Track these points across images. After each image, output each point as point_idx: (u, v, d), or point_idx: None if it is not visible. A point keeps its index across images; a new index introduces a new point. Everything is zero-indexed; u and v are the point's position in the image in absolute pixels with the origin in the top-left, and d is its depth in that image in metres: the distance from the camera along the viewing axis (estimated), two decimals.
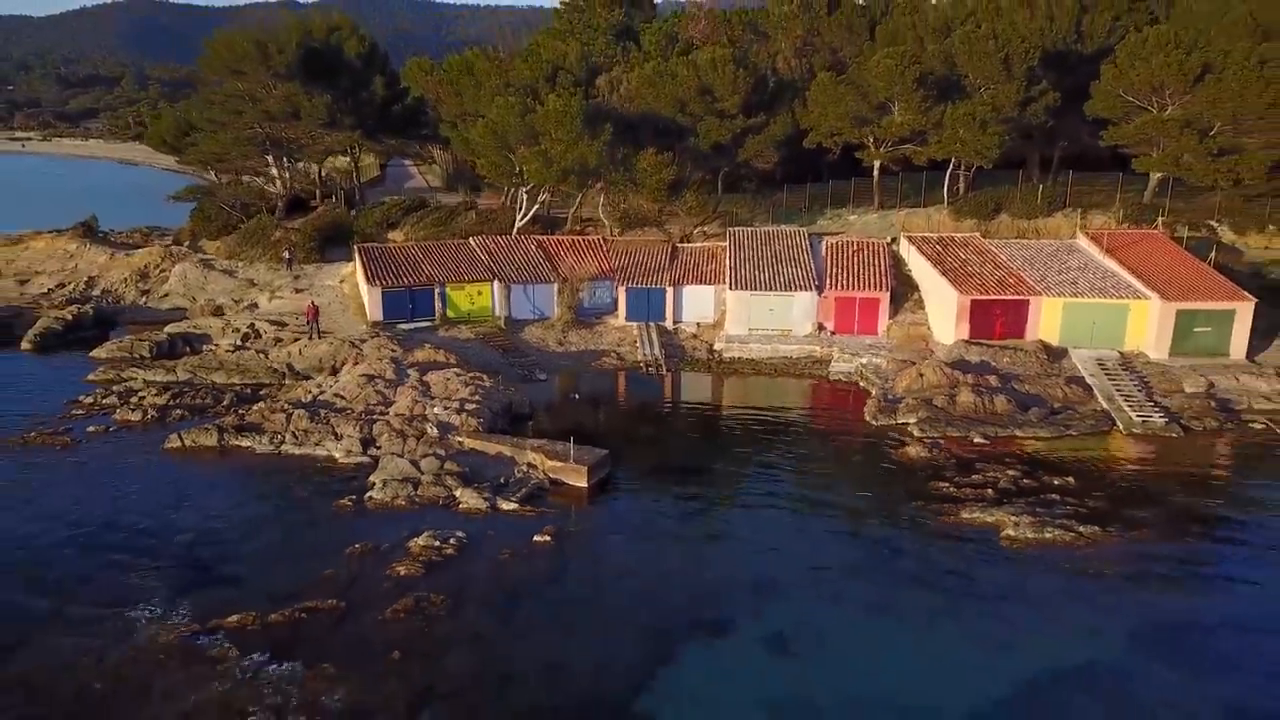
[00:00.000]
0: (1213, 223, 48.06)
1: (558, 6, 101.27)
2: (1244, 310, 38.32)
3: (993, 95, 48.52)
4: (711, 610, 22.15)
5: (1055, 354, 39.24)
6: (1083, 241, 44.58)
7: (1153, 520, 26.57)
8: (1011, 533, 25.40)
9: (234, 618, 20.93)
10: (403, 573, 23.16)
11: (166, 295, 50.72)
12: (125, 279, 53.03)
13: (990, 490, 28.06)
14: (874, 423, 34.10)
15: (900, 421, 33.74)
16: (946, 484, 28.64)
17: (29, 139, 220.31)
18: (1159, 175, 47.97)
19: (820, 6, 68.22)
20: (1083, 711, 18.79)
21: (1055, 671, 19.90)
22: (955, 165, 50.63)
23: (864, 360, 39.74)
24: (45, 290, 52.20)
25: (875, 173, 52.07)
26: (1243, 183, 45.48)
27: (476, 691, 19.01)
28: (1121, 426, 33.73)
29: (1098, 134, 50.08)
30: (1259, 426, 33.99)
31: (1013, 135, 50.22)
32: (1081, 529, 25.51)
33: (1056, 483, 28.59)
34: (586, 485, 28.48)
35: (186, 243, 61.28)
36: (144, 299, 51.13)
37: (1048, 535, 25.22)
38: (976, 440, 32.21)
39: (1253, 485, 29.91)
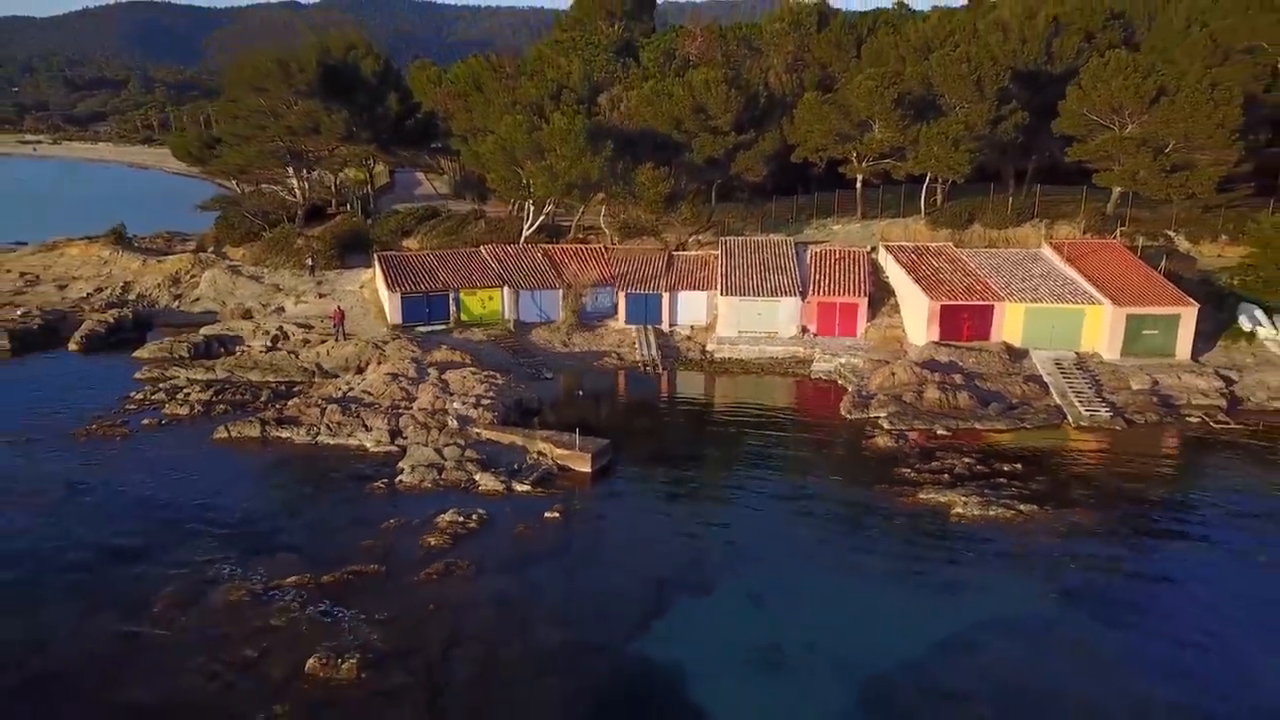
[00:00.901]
0: (1170, 233, 51.87)
1: (560, 19, 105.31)
2: (1188, 315, 42.09)
3: (966, 114, 52.22)
4: (698, 572, 25.96)
5: (1017, 354, 42.99)
6: (1047, 251, 48.35)
7: (1083, 500, 30.35)
8: (960, 510, 29.17)
9: (293, 578, 24.68)
10: (433, 543, 26.92)
11: (198, 299, 54.46)
12: (158, 284, 56.79)
13: (947, 475, 31.83)
14: (848, 416, 37.87)
15: (872, 415, 37.49)
16: (908, 470, 32.41)
17: (39, 142, 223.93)
18: (1120, 189, 51.69)
19: (810, 24, 71.94)
20: (1006, 650, 22.53)
21: (985, 619, 23.67)
22: (932, 179, 54.32)
23: (843, 360, 43.51)
24: (85, 295, 55.90)
25: (858, 185, 55.78)
26: (1194, 196, 49.25)
27: (498, 636, 22.75)
28: (1071, 420, 37.50)
29: (1066, 149, 53.89)
30: (1195, 420, 37.76)
31: (985, 151, 54.05)
32: (1021, 507, 29.29)
33: (1005, 469, 32.37)
34: (590, 470, 32.21)
35: (210, 248, 65.05)
36: (176, 303, 54.86)
37: (991, 513, 28.99)
38: (939, 432, 35.95)
39: (1179, 471, 33.72)
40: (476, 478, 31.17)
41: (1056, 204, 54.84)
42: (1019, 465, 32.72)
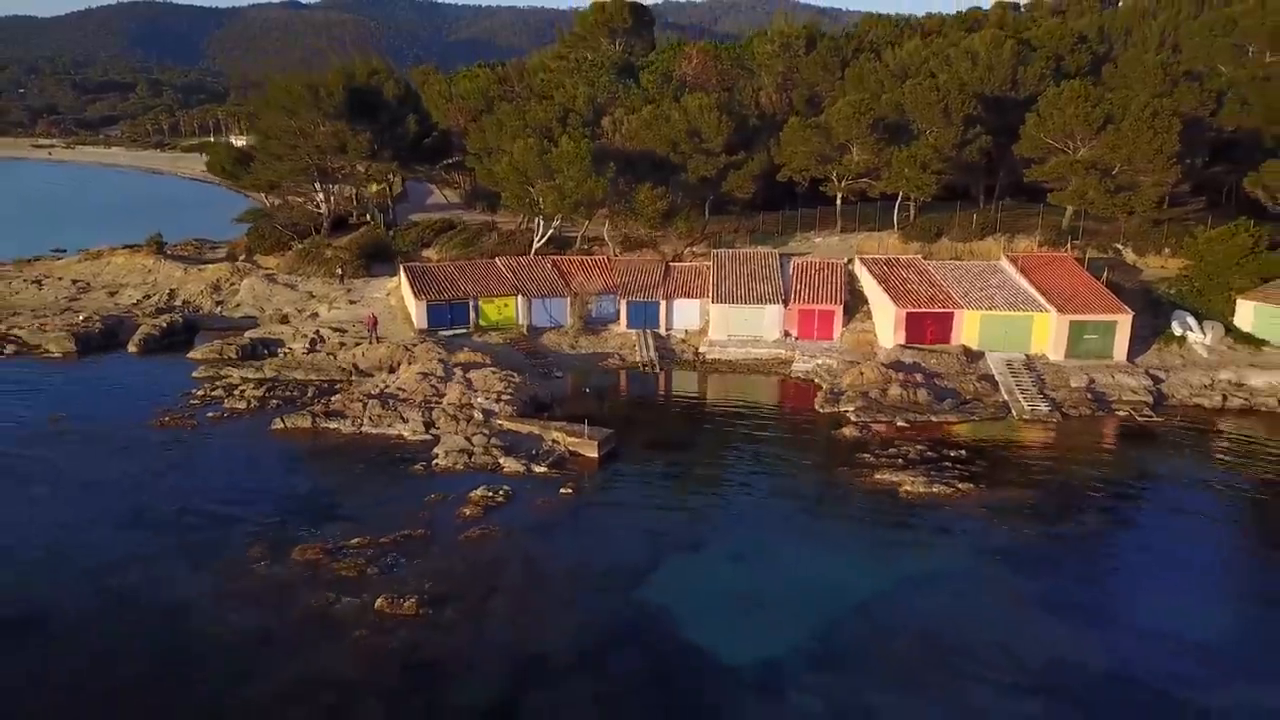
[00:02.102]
0: (1118, 246, 57.43)
1: (563, 35, 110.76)
2: (1124, 321, 47.62)
3: (935, 138, 57.80)
4: (688, 536, 31.50)
5: (974, 356, 48.50)
6: (1004, 263, 53.84)
7: (1014, 480, 35.90)
8: (908, 488, 34.70)
9: (356, 539, 30.19)
10: (467, 513, 32.42)
11: (238, 306, 59.95)
12: (201, 291, 62.32)
13: (900, 460, 37.34)
14: (821, 410, 43.41)
15: (842, 410, 43.00)
16: (869, 455, 37.94)
17: (52, 146, 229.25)
18: (1072, 207, 57.19)
19: (799, 47, 77.58)
20: (937, 593, 28.01)
21: (921, 571, 29.16)
22: (904, 196, 59.81)
23: (819, 361, 49.04)
24: (135, 301, 61.43)
25: (838, 202, 61.30)
26: (1135, 213, 54.80)
27: (524, 584, 28.24)
28: (1015, 414, 43.03)
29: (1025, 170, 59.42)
30: (1123, 414, 43.31)
31: (952, 171, 59.62)
32: (960, 485, 34.82)
33: (951, 455, 37.87)
34: (597, 456, 37.68)
35: (242, 256, 70.64)
36: (219, 308, 60.36)
37: (934, 490, 34.52)
38: (899, 424, 41.45)
39: (1103, 456, 39.21)
40: (501, 461, 36.67)
41: (1019, 218, 60.42)
42: (963, 452, 38.25)
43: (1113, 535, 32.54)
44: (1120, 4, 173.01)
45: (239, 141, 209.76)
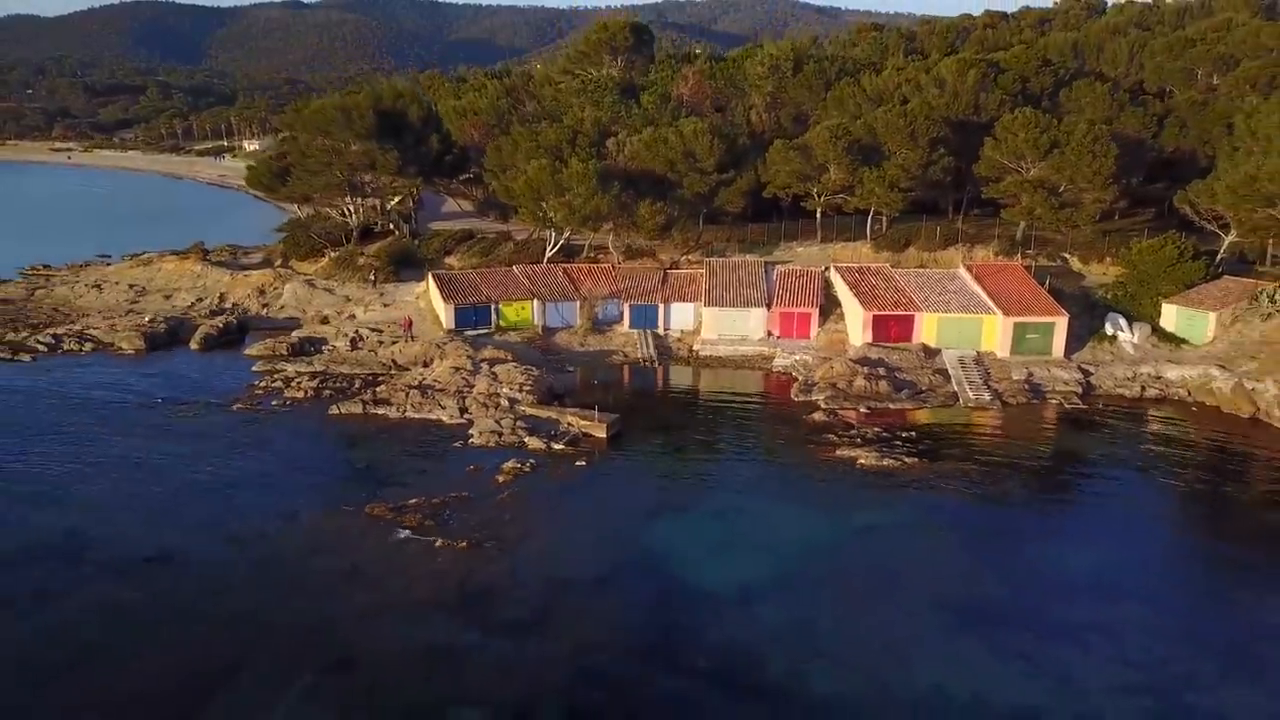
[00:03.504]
0: (1066, 255, 64.69)
1: (569, 53, 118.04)
2: (1061, 323, 54.87)
3: (903, 159, 65.03)
4: (680, 498, 38.81)
5: (932, 353, 55.72)
6: (962, 271, 61.07)
7: (953, 455, 43.16)
8: (864, 461, 41.97)
9: (413, 500, 37.40)
10: (501, 480, 39.66)
11: (282, 308, 67.17)
12: (248, 295, 69.55)
13: (859, 439, 44.60)
14: (796, 399, 50.65)
15: (813, 399, 50.23)
16: (834, 435, 45.21)
17: (70, 149, 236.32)
18: (1023, 221, 64.43)
19: (786, 69, 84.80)
20: (880, 540, 35.25)
21: (868, 525, 36.41)
22: (876, 210, 67.02)
23: (797, 357, 56.29)
24: (189, 304, 68.66)
25: (817, 215, 68.52)
26: (1078, 227, 62.07)
27: (549, 534, 35.47)
28: (962, 402, 50.28)
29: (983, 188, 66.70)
30: (1055, 402, 50.57)
31: (919, 189, 66.84)
32: (906, 459, 42.09)
33: (903, 435, 45.16)
34: (605, 436, 44.87)
35: (279, 262, 77.90)
36: (265, 310, 67.59)
37: (885, 463, 41.79)
38: (862, 410, 48.69)
39: (1032, 437, 46.46)
40: (525, 440, 43.90)
41: (981, 230, 67.66)
42: (913, 433, 45.54)
43: (1030, 496, 39.80)
44: (1105, 13, 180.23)
45: (251, 146, 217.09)
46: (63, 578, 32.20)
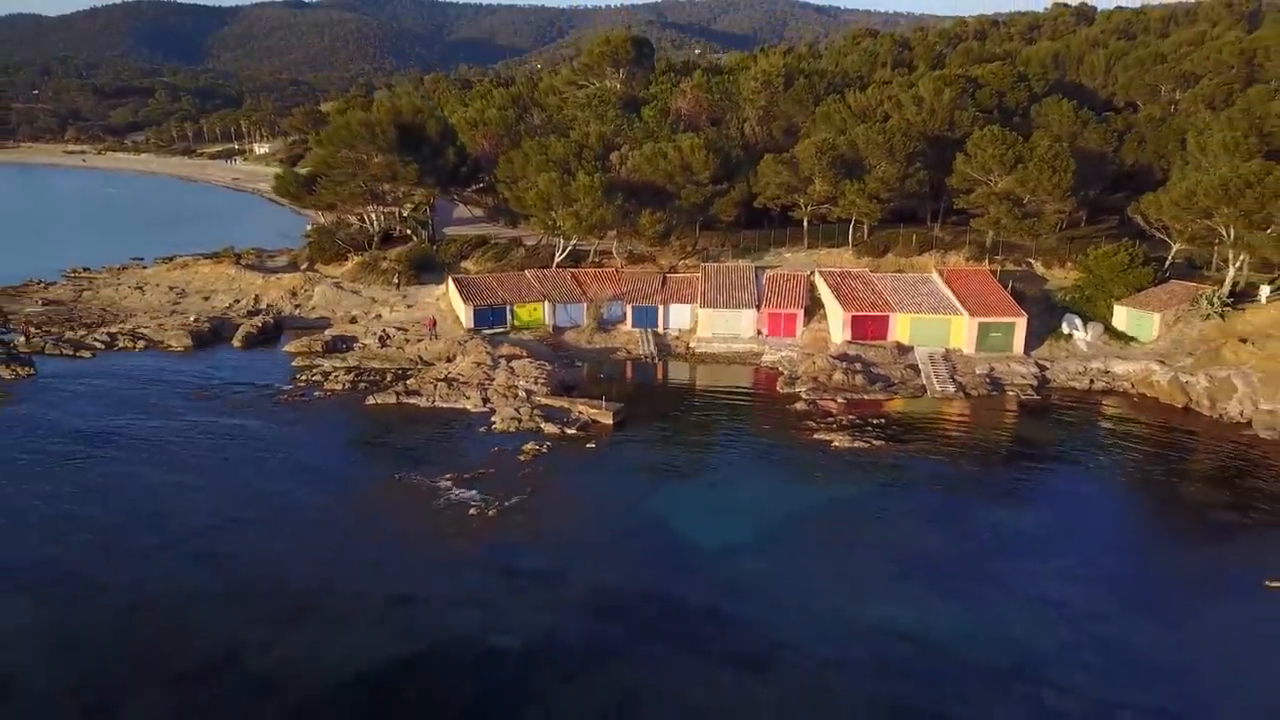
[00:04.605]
0: (1030, 260, 70.73)
1: (573, 66, 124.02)
2: (1021, 323, 60.93)
3: (883, 173, 71.08)
4: (678, 472, 44.93)
5: (904, 350, 61.78)
6: (934, 275, 67.14)
7: (916, 439, 49.24)
8: (838, 444, 48.07)
9: (448, 475, 43.47)
10: (522, 459, 45.73)
11: (313, 309, 73.19)
12: (281, 296, 75.59)
13: (835, 424, 50.69)
14: (781, 391, 56.72)
15: (797, 390, 56.29)
16: (813, 422, 51.29)
17: (83, 152, 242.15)
18: (992, 230, 70.50)
19: (778, 84, 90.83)
20: (847, 506, 41.30)
21: (837, 494, 42.46)
22: (858, 219, 73.04)
23: (783, 354, 62.36)
24: (228, 305, 74.69)
25: (804, 223, 74.56)
26: (1040, 236, 68.15)
27: (565, 503, 41.52)
28: (930, 393, 56.34)
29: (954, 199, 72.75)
30: (1012, 394, 56.65)
31: (897, 199, 72.84)
32: (875, 442, 48.18)
33: (874, 421, 51.25)
34: (612, 422, 50.90)
35: (304, 265, 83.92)
36: (297, 311, 73.59)
37: (856, 445, 47.87)
38: (839, 401, 54.74)
39: (989, 423, 52.53)
40: (541, 425, 49.95)
41: (956, 237, 73.69)
42: (883, 420, 51.65)
43: (982, 472, 45.83)
44: (1094, 21, 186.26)
45: (261, 149, 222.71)
46: (178, 527, 38.28)
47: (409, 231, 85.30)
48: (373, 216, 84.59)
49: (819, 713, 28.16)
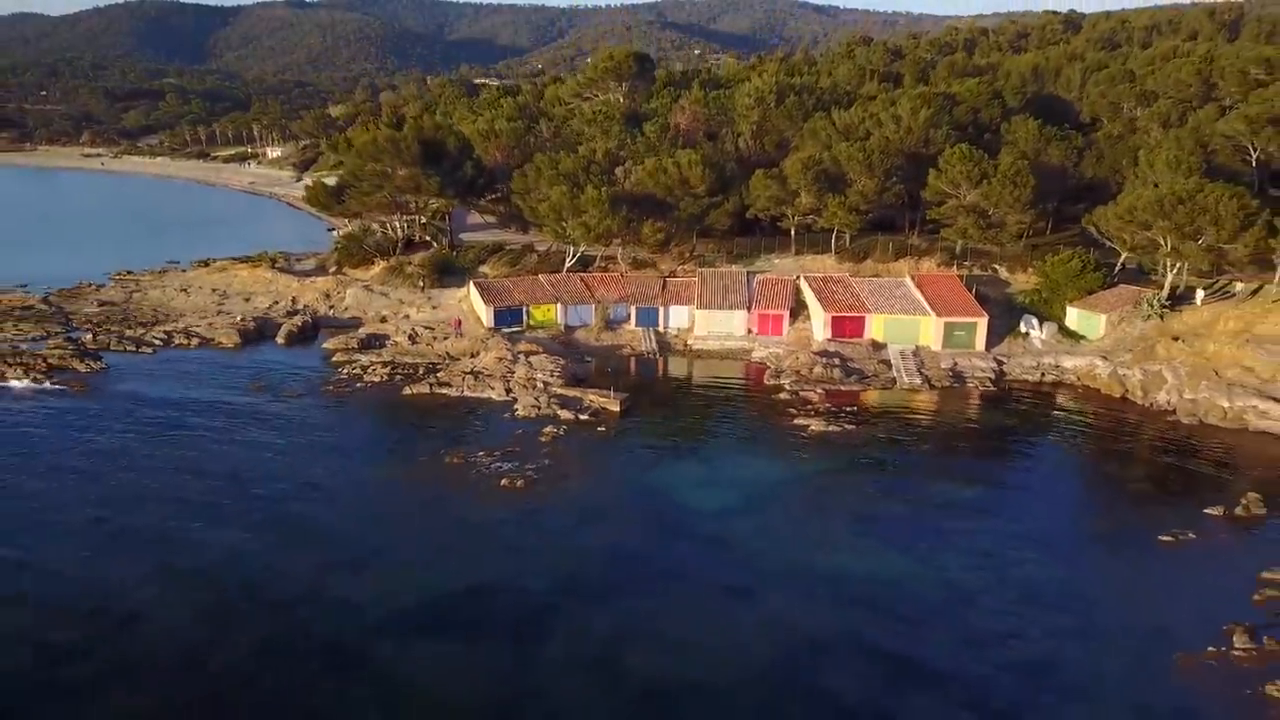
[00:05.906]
0: (996, 266, 78.20)
1: (577, 79, 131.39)
2: (982, 322, 68.42)
3: (862, 186, 78.51)
4: (677, 452, 52.49)
5: (879, 347, 69.24)
6: (907, 280, 74.59)
7: (885, 424, 56.74)
8: (814, 428, 55.55)
9: (481, 452, 50.94)
10: (542, 440, 53.17)
11: (346, 309, 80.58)
12: (316, 298, 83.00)
13: (814, 411, 58.17)
14: (768, 383, 64.22)
15: (781, 383, 63.76)
16: (794, 409, 58.77)
17: (100, 155, 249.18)
18: (960, 239, 77.92)
19: (770, 101, 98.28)
20: (820, 480, 48.75)
21: (812, 470, 49.94)
22: (840, 229, 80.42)
23: (771, 350, 69.83)
24: (268, 306, 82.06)
25: (792, 232, 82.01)
26: (1003, 244, 75.62)
27: (582, 473, 48.98)
28: (899, 385, 63.80)
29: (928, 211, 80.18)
30: (972, 385, 64.12)
31: (878, 210, 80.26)
32: (848, 426, 55.68)
33: (848, 409, 58.76)
34: (619, 410, 58.36)
35: (333, 269, 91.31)
36: (331, 311, 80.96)
37: (830, 429, 55.36)
38: (819, 391, 62.17)
39: (950, 411, 60.02)
40: (558, 412, 57.35)
41: (930, 244, 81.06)
42: (856, 408, 59.18)
43: (939, 450, 53.33)
44: (1081, 29, 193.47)
45: (274, 153, 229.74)
46: (266, 492, 45.71)
47: (429, 238, 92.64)
48: (396, 224, 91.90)
49: (788, 629, 35.63)
